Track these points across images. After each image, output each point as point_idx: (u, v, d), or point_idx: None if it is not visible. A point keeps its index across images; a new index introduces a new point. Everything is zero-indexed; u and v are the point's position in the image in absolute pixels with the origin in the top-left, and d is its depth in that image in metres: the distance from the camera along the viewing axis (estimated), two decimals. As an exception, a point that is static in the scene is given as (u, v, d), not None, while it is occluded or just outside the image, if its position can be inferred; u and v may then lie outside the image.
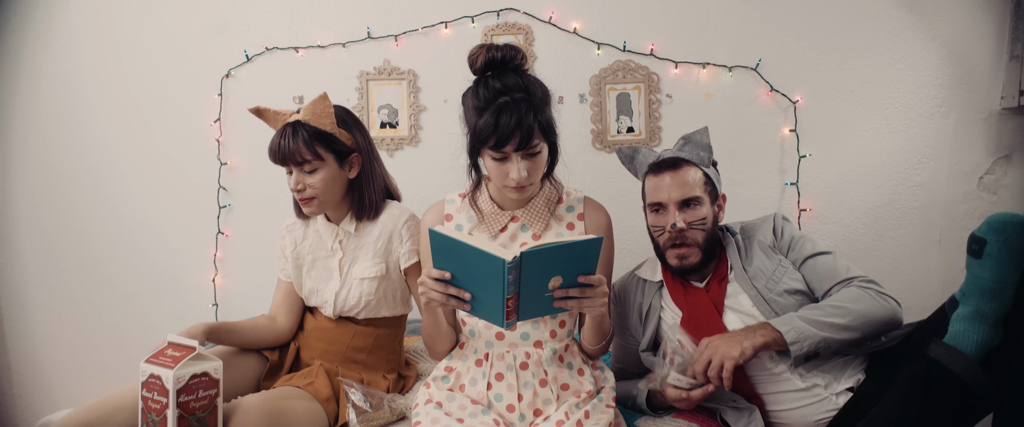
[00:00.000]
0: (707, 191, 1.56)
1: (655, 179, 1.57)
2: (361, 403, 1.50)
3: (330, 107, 1.58)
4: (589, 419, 1.39)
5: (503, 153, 1.35)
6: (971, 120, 2.24)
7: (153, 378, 1.27)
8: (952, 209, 2.27)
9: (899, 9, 2.21)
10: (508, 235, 1.48)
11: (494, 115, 1.33)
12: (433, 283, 1.25)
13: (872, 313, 1.41)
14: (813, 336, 1.37)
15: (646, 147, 1.67)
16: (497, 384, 1.42)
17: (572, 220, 1.51)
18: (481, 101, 1.36)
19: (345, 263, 1.66)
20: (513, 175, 1.37)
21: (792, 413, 1.46)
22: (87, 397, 1.45)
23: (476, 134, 1.36)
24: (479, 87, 1.38)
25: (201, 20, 2.33)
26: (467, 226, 1.49)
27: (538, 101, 1.38)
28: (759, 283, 1.53)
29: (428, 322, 1.48)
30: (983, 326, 1.17)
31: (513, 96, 1.34)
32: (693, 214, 1.53)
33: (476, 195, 1.51)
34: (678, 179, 1.54)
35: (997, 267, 1.15)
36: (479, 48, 1.40)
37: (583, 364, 1.48)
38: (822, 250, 1.57)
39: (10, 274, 2.44)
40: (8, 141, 2.39)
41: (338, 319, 1.68)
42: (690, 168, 1.55)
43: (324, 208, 1.63)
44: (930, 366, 1.19)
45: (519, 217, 1.49)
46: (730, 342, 1.37)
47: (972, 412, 1.21)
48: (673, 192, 1.53)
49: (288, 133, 1.56)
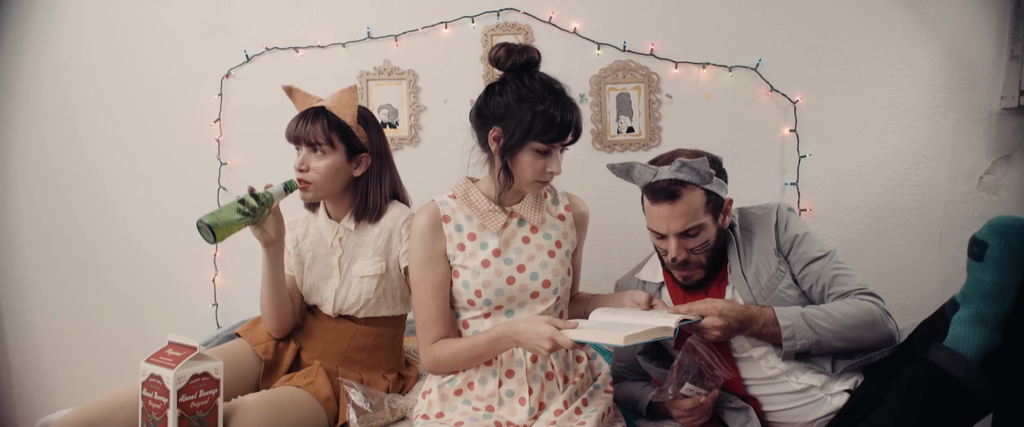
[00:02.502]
0: (709, 211, 1.46)
1: (652, 207, 1.47)
2: (361, 403, 1.50)
3: (356, 101, 1.61)
4: (587, 406, 1.42)
5: (551, 146, 1.39)
6: (971, 120, 2.24)
7: (154, 378, 1.27)
8: (952, 209, 2.28)
9: (899, 9, 2.21)
10: (509, 231, 1.49)
11: (557, 106, 1.37)
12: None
13: (870, 331, 1.40)
14: (809, 337, 1.38)
15: (641, 164, 1.48)
16: (508, 381, 1.44)
17: (560, 212, 1.57)
18: (534, 93, 1.38)
19: (344, 261, 1.66)
20: (553, 168, 1.41)
21: (788, 413, 1.46)
22: (87, 397, 1.45)
23: (531, 126, 1.37)
24: (525, 79, 1.40)
25: (201, 20, 2.33)
26: (467, 226, 1.49)
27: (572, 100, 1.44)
28: (755, 288, 1.49)
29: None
30: (984, 329, 1.17)
31: (561, 91, 1.41)
32: (695, 241, 1.47)
33: (503, 195, 1.49)
34: (677, 210, 1.43)
35: (998, 270, 1.15)
36: (508, 48, 1.42)
37: (579, 351, 1.52)
38: (825, 251, 1.51)
39: (10, 274, 2.44)
40: (8, 141, 2.39)
41: (338, 318, 1.68)
42: (688, 192, 1.43)
43: (319, 195, 1.62)
44: (930, 370, 1.19)
45: (516, 212, 1.50)
46: (730, 318, 1.39)
47: (971, 415, 1.21)
48: (673, 224, 1.44)
49: (310, 115, 1.59)
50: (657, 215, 1.46)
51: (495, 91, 1.43)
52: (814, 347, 1.39)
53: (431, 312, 1.47)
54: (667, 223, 1.45)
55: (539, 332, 1.30)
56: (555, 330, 1.29)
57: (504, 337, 1.37)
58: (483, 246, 1.47)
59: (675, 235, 1.45)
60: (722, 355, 1.44)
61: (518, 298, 1.46)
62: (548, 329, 1.29)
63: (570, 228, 1.57)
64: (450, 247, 1.47)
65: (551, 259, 1.49)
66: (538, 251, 1.48)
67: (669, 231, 1.45)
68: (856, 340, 1.40)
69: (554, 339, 1.27)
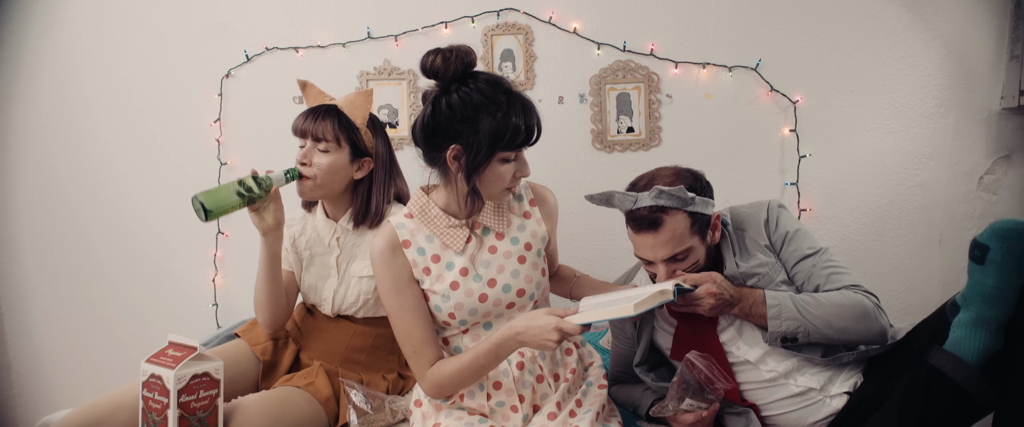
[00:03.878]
0: (695, 232, 1.43)
1: (635, 237, 1.44)
2: (362, 404, 1.49)
3: (368, 105, 1.62)
4: (581, 407, 1.38)
5: (519, 151, 1.33)
6: (971, 120, 2.24)
7: (154, 378, 1.27)
8: (952, 209, 2.28)
9: (899, 9, 2.21)
10: (474, 244, 1.41)
11: (515, 108, 1.29)
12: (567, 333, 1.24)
13: (864, 324, 1.40)
14: (795, 319, 1.38)
15: (619, 192, 1.43)
16: (496, 393, 1.40)
17: (525, 209, 1.49)
18: (488, 98, 1.28)
19: (342, 260, 1.66)
20: (523, 171, 1.36)
21: (788, 416, 1.46)
22: (87, 397, 1.45)
23: (499, 135, 1.28)
24: (470, 84, 1.30)
25: (201, 20, 2.32)
26: (429, 247, 1.41)
27: None
28: (750, 283, 1.50)
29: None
30: (985, 332, 1.17)
31: (511, 87, 1.33)
32: (684, 264, 1.44)
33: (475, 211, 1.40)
34: (661, 238, 1.39)
35: (1000, 274, 1.15)
36: (444, 53, 1.30)
37: (568, 343, 1.47)
38: (816, 248, 1.50)
39: (10, 274, 2.44)
40: (8, 141, 2.39)
41: (336, 318, 1.68)
42: (671, 218, 1.39)
43: (317, 193, 1.61)
44: (931, 374, 1.19)
45: (479, 222, 1.43)
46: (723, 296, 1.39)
47: (972, 418, 1.21)
48: (659, 252, 1.41)
49: (321, 110, 1.59)
50: (641, 244, 1.43)
51: (442, 105, 1.30)
52: (801, 332, 1.38)
53: (418, 337, 1.40)
54: (653, 251, 1.42)
55: (542, 326, 1.23)
56: (559, 319, 1.23)
57: (507, 341, 1.30)
58: (449, 266, 1.40)
59: (662, 262, 1.43)
60: (721, 365, 1.43)
61: (494, 312, 1.41)
62: (551, 320, 1.23)
63: (538, 223, 1.48)
64: (416, 271, 1.40)
65: (522, 266, 1.42)
66: (507, 260, 1.41)
67: (656, 258, 1.43)
68: (844, 331, 1.39)
69: (561, 328, 1.22)
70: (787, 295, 1.42)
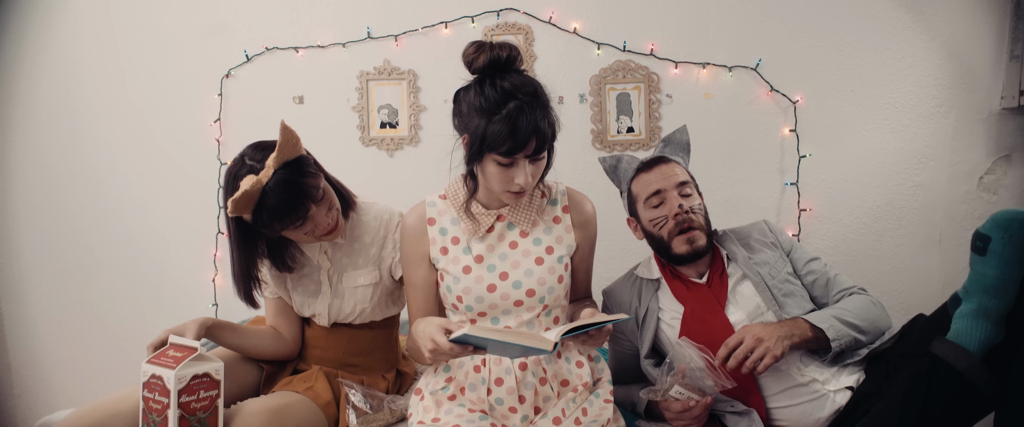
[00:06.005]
0: (694, 184, 1.62)
1: (647, 174, 1.61)
2: (361, 404, 1.49)
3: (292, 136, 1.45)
4: (587, 416, 1.37)
5: (512, 159, 1.28)
6: (971, 120, 2.24)
7: (154, 378, 1.27)
8: (952, 209, 2.28)
9: (899, 9, 2.21)
10: (496, 235, 1.43)
11: (508, 120, 1.25)
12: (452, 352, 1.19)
13: (879, 322, 1.51)
14: (847, 335, 1.44)
15: (628, 155, 1.69)
16: (497, 389, 1.39)
17: (557, 214, 1.48)
18: (490, 103, 1.26)
19: (333, 274, 1.63)
20: (520, 180, 1.29)
21: (792, 410, 1.46)
22: (87, 397, 1.45)
23: (485, 139, 1.26)
24: (485, 87, 1.28)
25: (201, 20, 2.32)
26: (452, 229, 1.44)
27: (546, 103, 1.31)
28: (763, 270, 1.57)
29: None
30: (986, 323, 1.17)
31: (524, 99, 1.26)
32: (690, 201, 1.57)
33: (470, 202, 1.43)
34: (671, 169, 1.60)
35: (1001, 264, 1.15)
36: (477, 46, 1.31)
37: (580, 356, 1.46)
38: (814, 256, 1.65)
39: (10, 274, 2.44)
40: (8, 141, 2.39)
41: (333, 327, 1.67)
42: (676, 164, 1.62)
43: (342, 232, 1.57)
44: (933, 363, 1.19)
45: (505, 216, 1.44)
46: (774, 337, 1.38)
47: (975, 409, 1.21)
48: (670, 179, 1.58)
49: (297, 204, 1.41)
50: (654, 178, 1.59)
51: (459, 98, 1.35)
52: (851, 344, 1.46)
53: (412, 310, 1.50)
54: (665, 180, 1.58)
55: (425, 332, 1.22)
56: (439, 330, 1.19)
57: (412, 333, 1.37)
58: (466, 251, 1.42)
59: (674, 188, 1.56)
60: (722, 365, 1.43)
61: (500, 306, 1.40)
62: (432, 329, 1.20)
63: (567, 231, 1.47)
64: (433, 251, 1.44)
65: (538, 267, 1.40)
66: (524, 258, 1.41)
67: (668, 185, 1.57)
68: (872, 332, 1.49)
69: (434, 338, 1.19)
70: (829, 315, 1.46)
